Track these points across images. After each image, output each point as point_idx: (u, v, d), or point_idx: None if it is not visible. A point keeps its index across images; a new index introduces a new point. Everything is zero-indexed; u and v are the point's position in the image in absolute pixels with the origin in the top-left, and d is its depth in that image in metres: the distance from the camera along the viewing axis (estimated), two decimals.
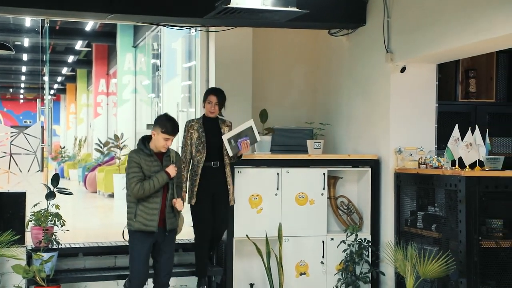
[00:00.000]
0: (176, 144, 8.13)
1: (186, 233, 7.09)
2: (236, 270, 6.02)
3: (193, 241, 5.93)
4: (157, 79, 12.38)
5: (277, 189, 6.07)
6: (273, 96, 7.57)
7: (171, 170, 5.07)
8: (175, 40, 9.60)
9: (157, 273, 5.24)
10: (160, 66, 10.90)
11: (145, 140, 5.17)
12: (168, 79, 10.17)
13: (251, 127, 5.61)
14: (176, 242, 5.34)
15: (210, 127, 5.70)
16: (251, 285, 6.06)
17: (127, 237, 5.22)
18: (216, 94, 5.71)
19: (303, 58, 7.68)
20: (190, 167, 5.69)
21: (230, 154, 5.62)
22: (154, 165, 5.08)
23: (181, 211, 5.28)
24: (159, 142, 5.09)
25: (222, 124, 5.77)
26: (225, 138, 5.60)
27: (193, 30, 7.59)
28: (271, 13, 5.29)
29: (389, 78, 6.09)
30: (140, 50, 15.02)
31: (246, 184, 6.03)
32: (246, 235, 5.95)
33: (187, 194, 5.65)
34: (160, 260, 5.20)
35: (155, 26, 10.06)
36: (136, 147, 5.20)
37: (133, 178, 5.01)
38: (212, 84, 7.51)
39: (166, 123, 5.08)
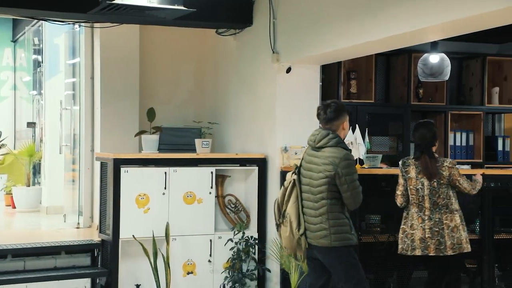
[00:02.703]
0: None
1: (70, 234, 6.89)
2: (122, 271, 5.90)
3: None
4: (38, 76, 11.85)
5: (165, 188, 6.01)
6: (161, 95, 7.49)
7: None
8: (58, 36, 9.22)
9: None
10: (42, 62, 10.42)
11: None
12: (50, 76, 9.75)
13: None
14: (61, 244, 4.98)
15: None
16: (137, 286, 5.97)
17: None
18: None
19: (191, 57, 7.66)
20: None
21: None
22: None
23: None
24: (347, 130, 4.62)
25: None
26: None
27: (76, 25, 7.34)
28: (157, 10, 5.22)
29: (275, 78, 6.21)
30: (20, 45, 14.29)
31: (132, 184, 5.92)
32: (133, 236, 5.85)
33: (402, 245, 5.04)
34: (334, 278, 4.63)
35: (36, 20, 9.62)
36: (339, 146, 4.45)
37: (360, 186, 4.41)
38: (97, 82, 7.31)
39: (344, 107, 4.58)
